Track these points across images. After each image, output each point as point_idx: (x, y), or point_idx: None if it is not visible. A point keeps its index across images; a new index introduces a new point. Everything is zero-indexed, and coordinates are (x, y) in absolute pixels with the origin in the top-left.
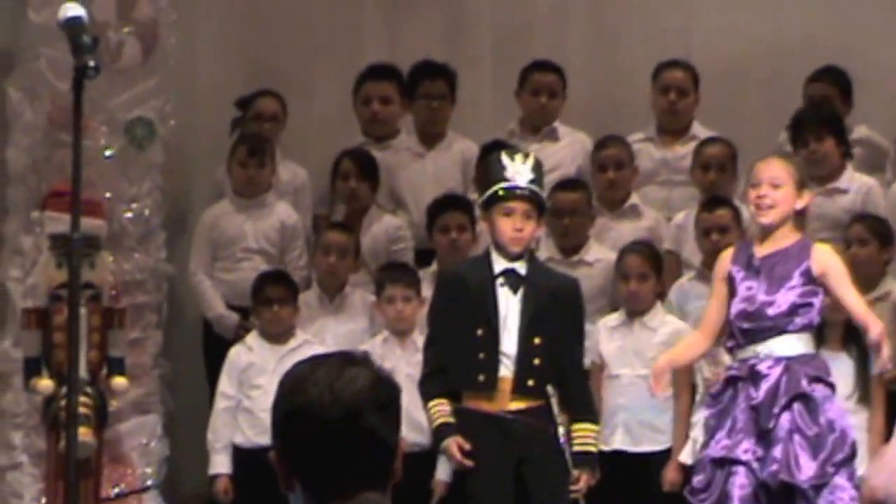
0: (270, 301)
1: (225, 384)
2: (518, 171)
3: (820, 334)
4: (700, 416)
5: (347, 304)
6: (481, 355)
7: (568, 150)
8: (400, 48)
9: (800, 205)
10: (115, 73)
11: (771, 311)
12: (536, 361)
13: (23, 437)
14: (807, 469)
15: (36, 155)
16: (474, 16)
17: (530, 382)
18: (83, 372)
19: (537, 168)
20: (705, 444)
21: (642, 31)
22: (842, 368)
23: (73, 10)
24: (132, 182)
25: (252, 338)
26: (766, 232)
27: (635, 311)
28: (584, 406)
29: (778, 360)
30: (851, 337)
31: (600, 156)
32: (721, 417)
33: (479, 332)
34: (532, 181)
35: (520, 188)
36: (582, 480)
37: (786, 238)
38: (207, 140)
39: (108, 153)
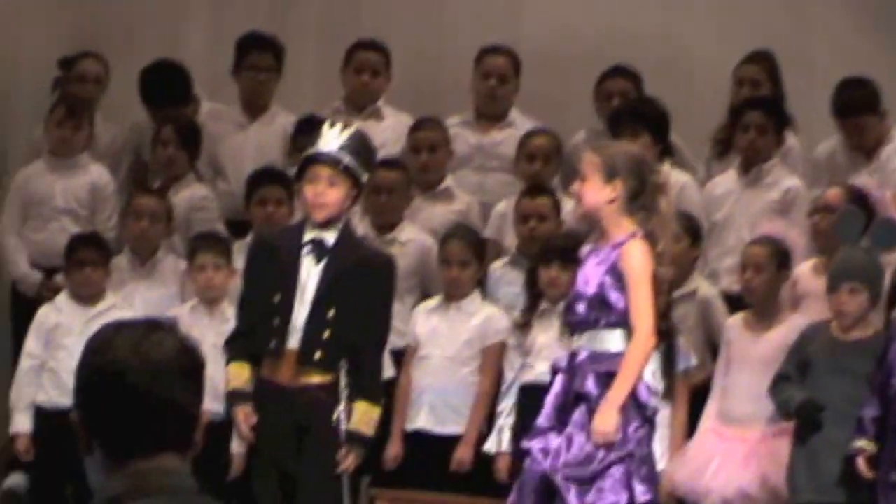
0: (82, 263)
1: (31, 343)
2: (329, 140)
3: None
4: (506, 405)
5: (158, 269)
6: (275, 322)
7: (392, 130)
8: (225, 19)
9: (610, 195)
10: None
11: (580, 306)
12: (326, 334)
13: None
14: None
15: None
16: None
17: (317, 355)
18: None
19: (355, 139)
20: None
21: (470, 15)
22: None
23: None
24: None
25: (61, 298)
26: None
27: (454, 296)
28: (369, 385)
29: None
30: (657, 332)
31: (415, 137)
32: None
33: (276, 298)
34: (342, 149)
35: (324, 154)
36: (349, 458)
37: (616, 232)
38: (29, 100)
39: None
